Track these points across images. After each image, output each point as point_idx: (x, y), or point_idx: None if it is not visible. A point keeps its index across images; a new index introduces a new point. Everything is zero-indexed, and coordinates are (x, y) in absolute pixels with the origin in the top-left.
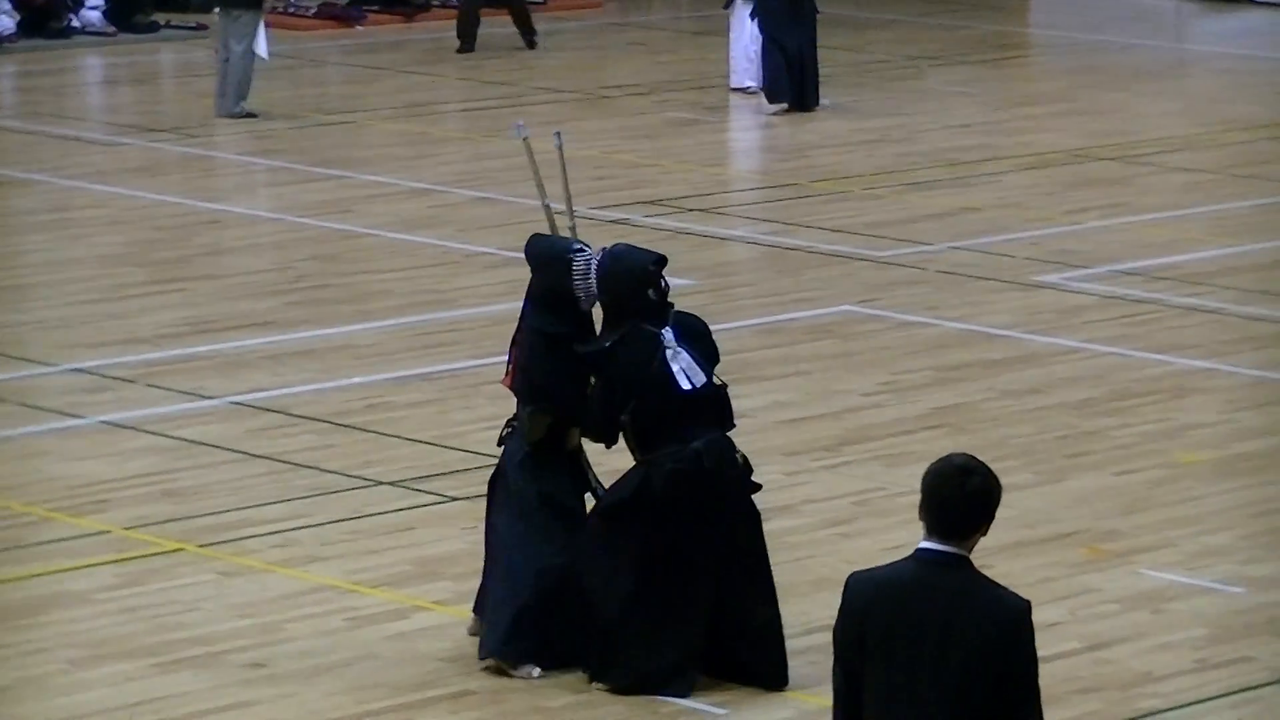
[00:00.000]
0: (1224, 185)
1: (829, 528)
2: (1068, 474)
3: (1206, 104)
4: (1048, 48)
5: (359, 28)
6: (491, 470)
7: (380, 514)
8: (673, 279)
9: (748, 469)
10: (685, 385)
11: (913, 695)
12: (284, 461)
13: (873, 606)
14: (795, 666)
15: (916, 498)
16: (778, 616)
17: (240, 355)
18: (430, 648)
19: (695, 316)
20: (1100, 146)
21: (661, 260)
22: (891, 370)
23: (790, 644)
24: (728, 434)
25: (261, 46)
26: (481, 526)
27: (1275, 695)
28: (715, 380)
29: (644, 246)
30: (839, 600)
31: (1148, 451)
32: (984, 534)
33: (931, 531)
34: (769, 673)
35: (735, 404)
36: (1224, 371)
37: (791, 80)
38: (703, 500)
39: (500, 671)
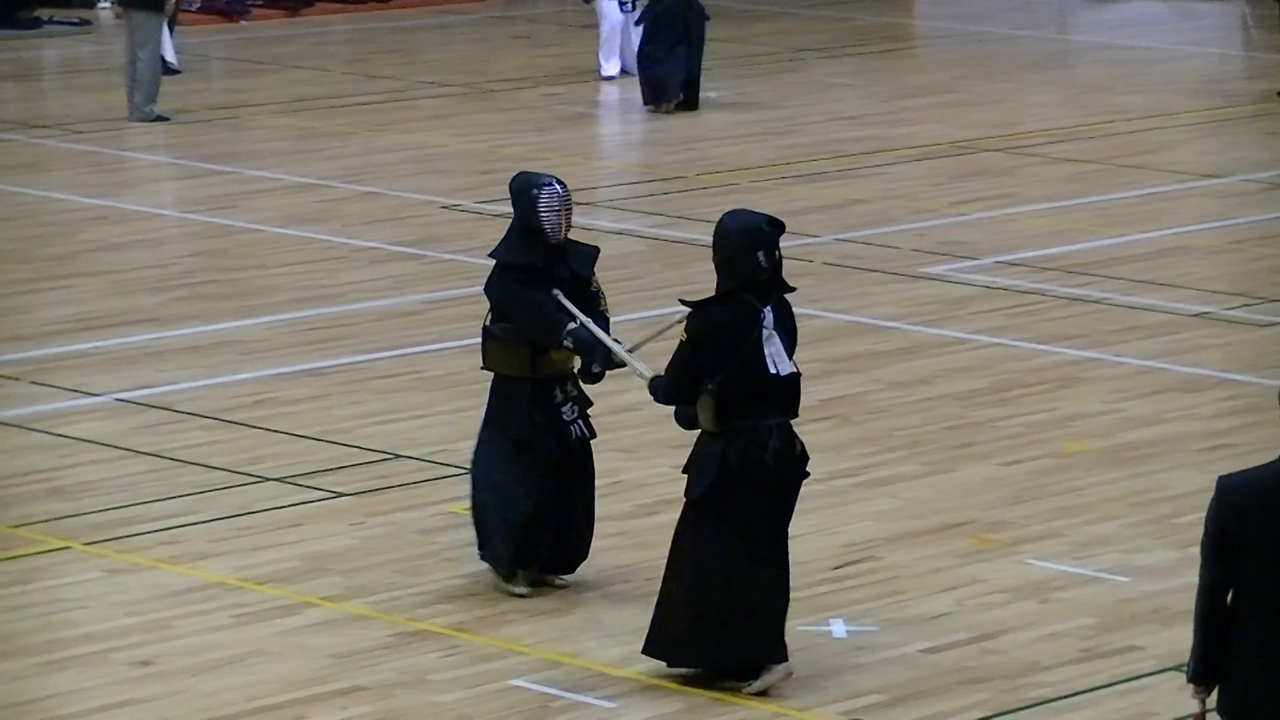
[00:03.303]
0: (1108, 175)
1: None
2: (955, 465)
3: (1090, 94)
4: (933, 39)
5: (243, 22)
6: (381, 463)
7: (268, 510)
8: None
9: (804, 458)
10: (773, 370)
11: None
12: (170, 458)
13: (1254, 508)
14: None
15: (808, 488)
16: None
17: (126, 352)
18: (320, 643)
19: (788, 303)
20: (985, 138)
21: (776, 223)
22: None
23: None
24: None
25: (169, 51)
26: (370, 521)
27: (1162, 684)
28: (795, 368)
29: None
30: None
31: (1034, 442)
32: None
33: None
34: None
35: (622, 398)
36: (1109, 361)
37: (669, 90)
38: (769, 479)
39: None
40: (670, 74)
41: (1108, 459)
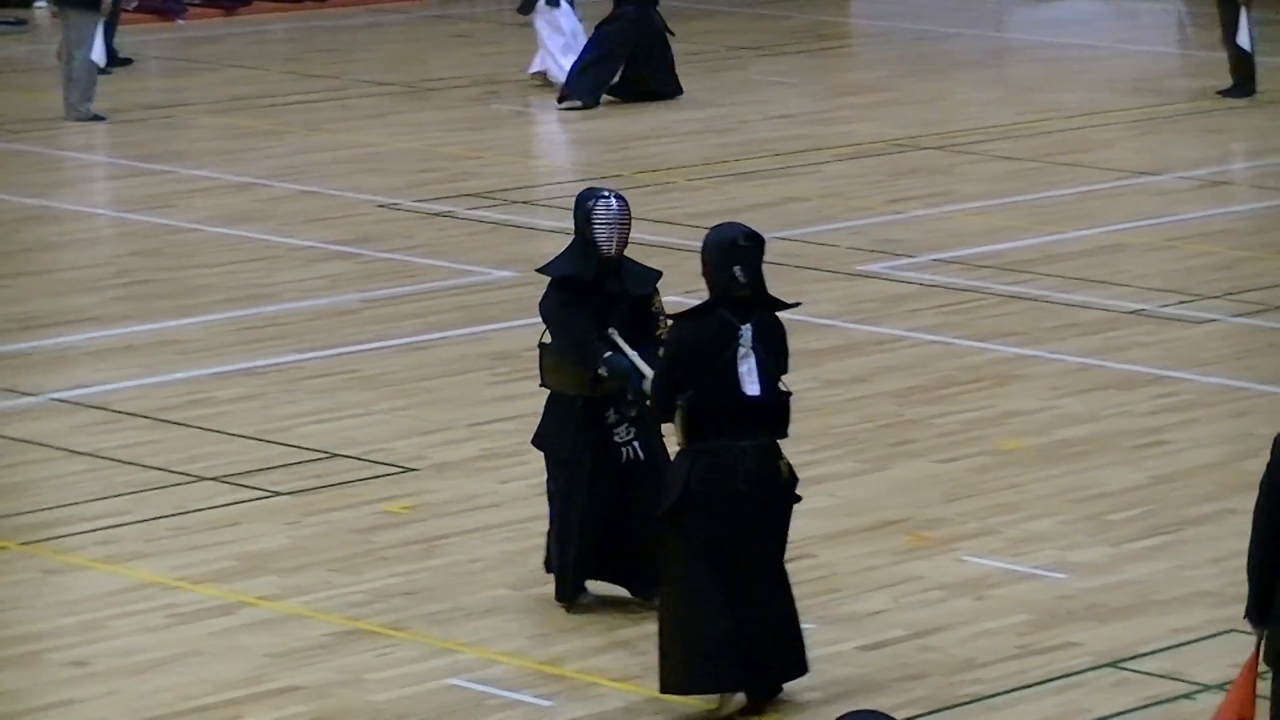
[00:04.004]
0: (1045, 173)
1: None
2: (891, 462)
3: (1027, 93)
4: (869, 37)
5: (180, 22)
6: (317, 462)
7: (204, 509)
8: (496, 271)
9: (792, 480)
10: (747, 390)
11: None
12: (106, 458)
13: None
14: (621, 657)
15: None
16: (795, 614)
17: (62, 351)
18: (256, 643)
19: (778, 321)
20: (922, 136)
21: (754, 236)
22: None
23: (617, 635)
24: (777, 442)
25: (98, 51)
26: (306, 521)
27: (1098, 680)
28: (782, 388)
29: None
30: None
31: (970, 439)
32: None
33: None
34: (790, 663)
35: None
36: (1045, 358)
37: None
38: (740, 503)
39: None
40: (605, 82)
41: (1044, 456)
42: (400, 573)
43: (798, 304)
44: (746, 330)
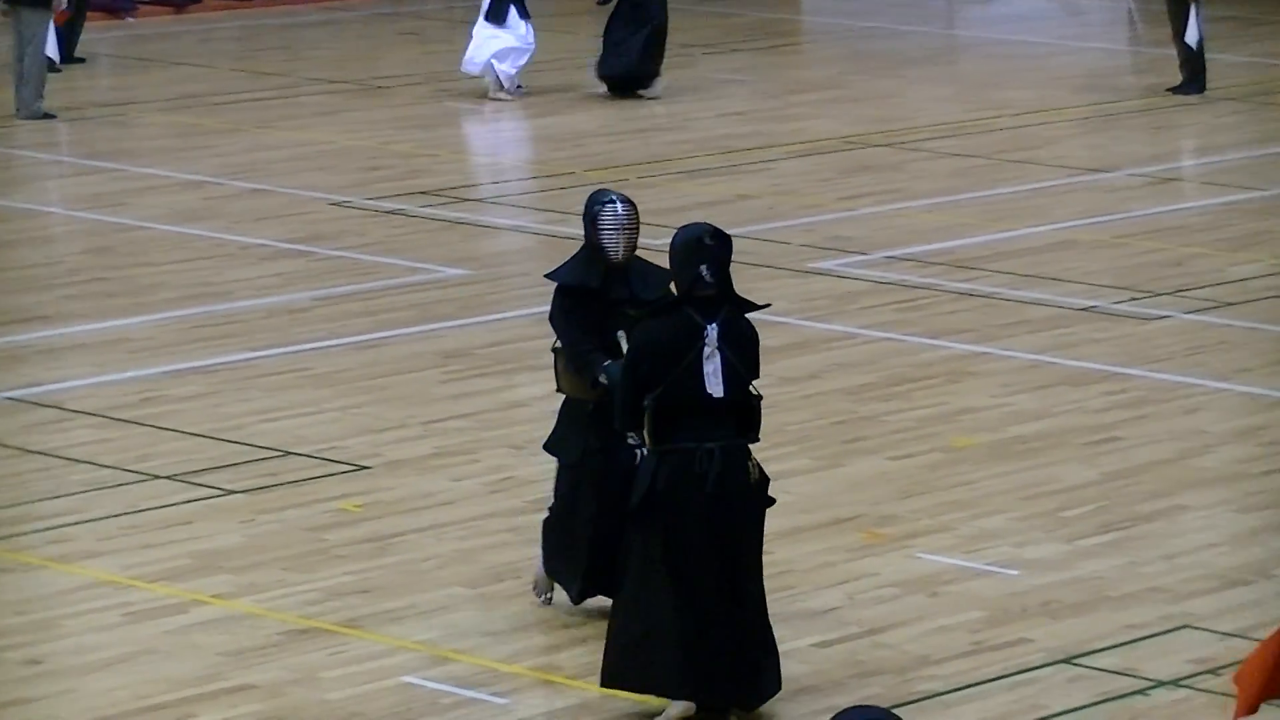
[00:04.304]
0: (995, 170)
1: None
2: (844, 459)
3: (977, 89)
4: (819, 35)
5: (129, 19)
6: (270, 460)
7: (157, 508)
8: (448, 269)
9: (763, 482)
10: (712, 390)
11: None
12: (59, 456)
13: None
14: (576, 655)
15: None
16: (764, 630)
17: (14, 350)
18: (209, 641)
19: (748, 323)
20: (873, 133)
21: (719, 236)
22: None
23: (571, 633)
24: (749, 444)
25: (52, 48)
26: (260, 519)
27: (1051, 676)
28: (753, 391)
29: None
30: None
31: (923, 436)
32: None
33: None
34: (764, 679)
35: (511, 394)
36: (997, 355)
37: (618, 69)
38: (706, 505)
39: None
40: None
41: (996, 453)
42: (354, 571)
43: (768, 305)
44: (712, 330)
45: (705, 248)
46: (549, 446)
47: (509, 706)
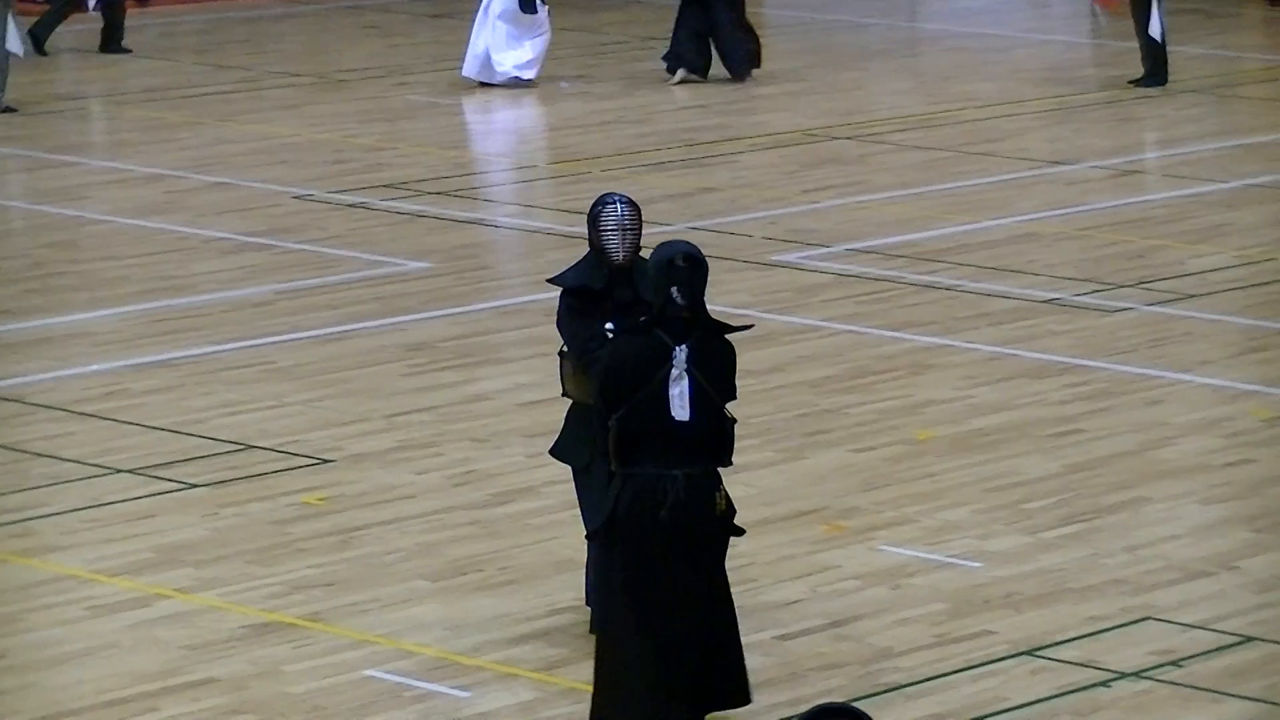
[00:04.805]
0: (958, 163)
1: (571, 509)
2: (807, 452)
3: (939, 82)
4: (782, 28)
5: (91, 11)
6: (233, 454)
7: (120, 502)
8: (411, 262)
9: (730, 511)
10: (676, 414)
11: None
12: (21, 450)
13: None
14: (539, 647)
15: None
16: (739, 647)
17: None
18: (172, 635)
19: (725, 344)
20: (835, 125)
21: (692, 258)
22: None
23: (534, 625)
24: (717, 471)
25: (14, 41)
26: (223, 512)
27: (1014, 668)
28: (727, 414)
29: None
30: (581, 581)
31: (886, 428)
32: None
33: None
34: (733, 691)
35: (474, 387)
36: (960, 348)
37: (700, 51)
38: (666, 534)
39: None
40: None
41: (958, 445)
42: (317, 564)
43: (749, 327)
44: (681, 352)
45: (677, 269)
46: (555, 452)
47: (471, 700)
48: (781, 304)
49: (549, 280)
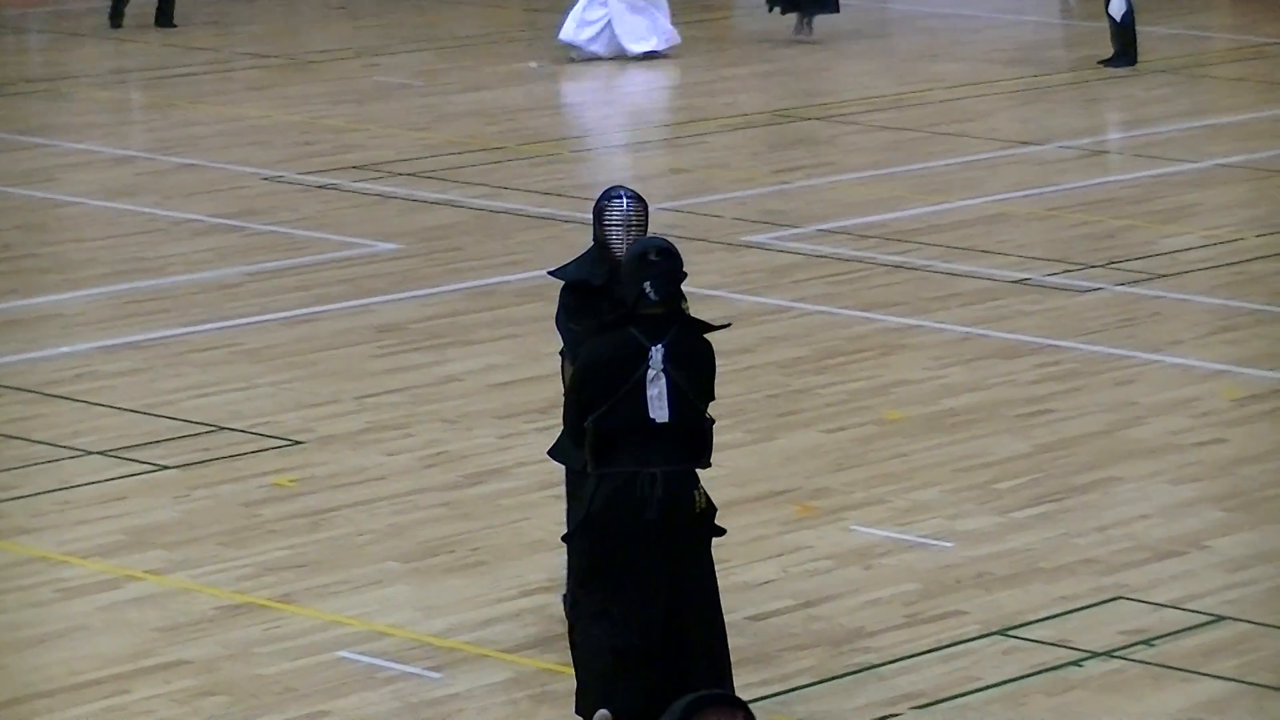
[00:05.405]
0: (928, 143)
1: (542, 490)
2: (778, 433)
3: (909, 63)
4: (751, 9)
5: None
6: (204, 436)
7: (90, 484)
8: (381, 244)
9: (710, 510)
10: (654, 415)
11: None
12: None
13: None
14: (511, 629)
15: None
16: (725, 650)
17: None
18: (143, 617)
19: (704, 343)
20: (805, 106)
21: (666, 251)
22: None
23: (506, 606)
24: (696, 471)
25: None
26: (193, 494)
27: (985, 648)
28: (706, 415)
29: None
30: (556, 562)
31: (857, 409)
32: None
33: None
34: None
35: (445, 368)
36: (930, 328)
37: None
38: (645, 533)
39: None
40: None
41: (929, 425)
42: (288, 546)
43: (727, 325)
44: (657, 351)
45: (650, 264)
46: (554, 453)
47: (443, 681)
48: (752, 285)
49: (550, 272)
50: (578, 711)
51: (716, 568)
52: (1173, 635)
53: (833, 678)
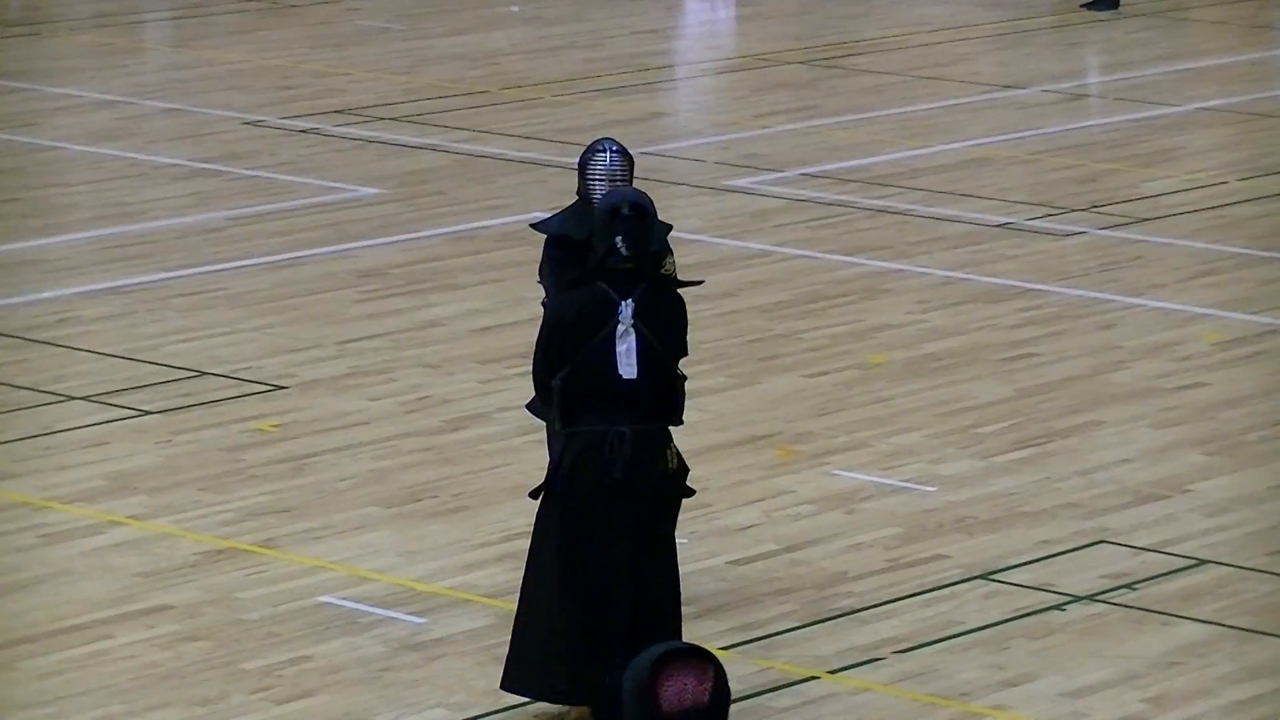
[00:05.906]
0: (910, 87)
1: (524, 435)
2: (759, 377)
3: (890, 6)
4: None
5: None
6: (186, 381)
7: (73, 429)
8: (362, 188)
9: (681, 470)
10: (623, 372)
11: None
12: None
13: None
14: (493, 574)
15: None
16: (678, 601)
17: None
18: (125, 562)
19: (675, 297)
20: (787, 50)
21: (639, 206)
22: None
23: (488, 551)
24: (669, 430)
25: None
26: (176, 439)
27: (967, 592)
28: (678, 372)
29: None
30: (534, 507)
31: (839, 353)
32: None
33: None
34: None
35: (426, 313)
36: (912, 272)
37: None
38: (613, 492)
39: None
40: None
41: (912, 370)
42: (270, 491)
43: (700, 282)
44: (626, 307)
45: (622, 218)
46: (533, 408)
47: (426, 626)
48: (733, 229)
49: (532, 225)
50: (504, 685)
51: (698, 513)
52: (1154, 579)
53: (815, 622)
